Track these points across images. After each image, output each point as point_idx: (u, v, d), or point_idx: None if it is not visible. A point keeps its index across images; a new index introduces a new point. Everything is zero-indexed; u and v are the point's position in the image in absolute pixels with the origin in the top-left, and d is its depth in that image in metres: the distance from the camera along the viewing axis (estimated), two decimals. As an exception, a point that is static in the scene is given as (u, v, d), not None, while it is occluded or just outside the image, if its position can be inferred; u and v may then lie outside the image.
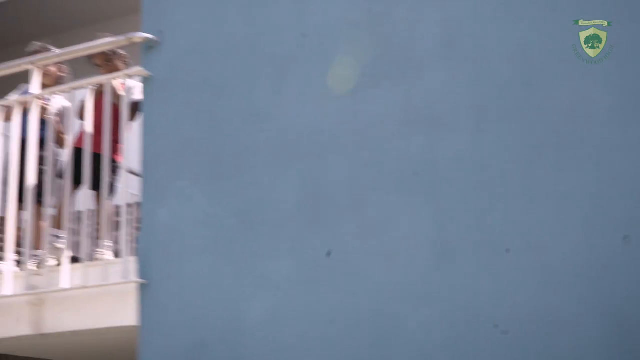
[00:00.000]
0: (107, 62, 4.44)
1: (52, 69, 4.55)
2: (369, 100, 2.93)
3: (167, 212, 3.21)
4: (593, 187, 2.62)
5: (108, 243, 3.87)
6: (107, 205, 3.66)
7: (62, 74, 4.68)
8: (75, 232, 4.56)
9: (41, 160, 3.78)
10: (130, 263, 3.25)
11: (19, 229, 3.92)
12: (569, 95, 2.67)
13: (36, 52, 4.47)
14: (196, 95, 3.29)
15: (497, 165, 2.72)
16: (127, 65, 4.52)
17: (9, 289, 3.52)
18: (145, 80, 3.40)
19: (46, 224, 3.57)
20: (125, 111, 3.63)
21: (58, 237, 4.18)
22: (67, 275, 3.41)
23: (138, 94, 4.10)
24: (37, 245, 4.00)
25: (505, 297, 2.61)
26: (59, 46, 4.71)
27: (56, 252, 4.07)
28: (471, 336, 2.63)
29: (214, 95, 3.25)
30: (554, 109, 2.68)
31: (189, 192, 3.18)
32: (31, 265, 3.60)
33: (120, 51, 4.45)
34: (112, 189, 4.15)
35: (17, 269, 3.71)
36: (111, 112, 3.61)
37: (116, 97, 4.02)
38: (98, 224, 4.25)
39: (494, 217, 2.68)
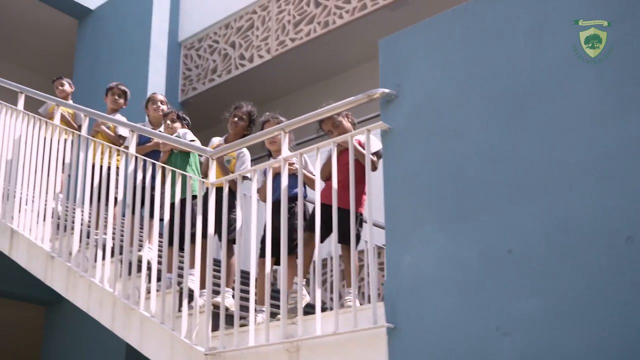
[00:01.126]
0: (335, 126, 4.63)
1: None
2: (617, 128, 2.78)
3: (412, 257, 3.25)
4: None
5: (355, 290, 4.00)
6: (354, 255, 3.79)
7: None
8: (325, 282, 4.77)
9: (292, 216, 4.04)
10: (379, 308, 3.32)
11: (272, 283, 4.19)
12: None
13: (267, 121, 4.89)
14: (434, 141, 3.35)
15: None
16: (352, 122, 4.71)
17: (268, 338, 3.76)
18: (384, 133, 3.54)
19: (298, 275, 3.77)
20: (367, 165, 3.79)
21: (308, 286, 4.40)
22: (319, 323, 3.57)
23: (377, 148, 4.26)
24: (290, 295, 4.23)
25: None
26: (283, 106, 5.09)
27: (307, 300, 4.28)
28: None
29: (452, 140, 3.29)
30: None
31: (432, 236, 3.21)
32: (286, 315, 3.81)
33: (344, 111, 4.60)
34: (357, 239, 4.29)
35: (273, 318, 3.95)
36: (354, 167, 3.78)
37: (358, 152, 4.22)
38: (345, 273, 4.41)
39: None
